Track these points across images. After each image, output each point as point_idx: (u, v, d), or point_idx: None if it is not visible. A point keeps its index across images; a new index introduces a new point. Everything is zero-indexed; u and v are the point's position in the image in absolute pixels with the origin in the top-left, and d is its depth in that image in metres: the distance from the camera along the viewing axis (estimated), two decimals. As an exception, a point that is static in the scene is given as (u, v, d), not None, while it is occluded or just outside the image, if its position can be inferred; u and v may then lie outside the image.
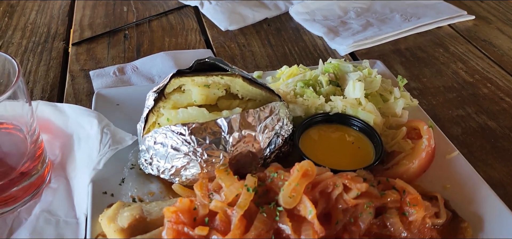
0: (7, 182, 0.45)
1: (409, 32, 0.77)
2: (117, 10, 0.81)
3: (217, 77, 0.47)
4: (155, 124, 0.46)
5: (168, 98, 0.46)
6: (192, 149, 0.42)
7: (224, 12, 0.79)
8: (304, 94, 0.52)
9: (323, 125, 0.50)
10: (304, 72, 0.56)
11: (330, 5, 0.83)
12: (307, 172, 0.39)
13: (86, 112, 0.49)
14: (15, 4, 0.81)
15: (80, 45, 0.71)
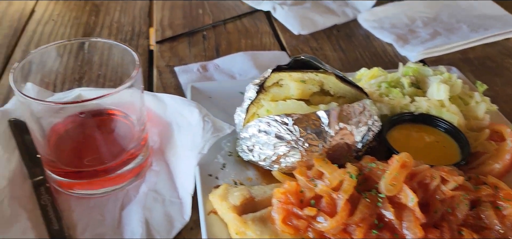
0: (118, 162, 0.49)
1: (477, 42, 0.79)
2: (193, 12, 0.86)
3: (312, 74, 0.50)
4: (255, 115, 0.49)
5: (267, 91, 0.50)
6: (294, 138, 0.45)
7: (295, 17, 0.82)
8: (389, 93, 0.55)
9: (409, 124, 0.52)
10: (385, 74, 0.59)
11: (398, 14, 0.85)
12: (406, 163, 0.42)
13: (186, 102, 0.53)
14: (99, 4, 0.87)
15: (163, 44, 0.76)
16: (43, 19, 0.81)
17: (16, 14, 0.82)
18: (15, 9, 0.84)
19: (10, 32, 0.77)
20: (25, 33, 0.77)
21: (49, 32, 0.78)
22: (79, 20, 0.82)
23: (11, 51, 0.72)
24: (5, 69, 0.68)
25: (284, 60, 0.72)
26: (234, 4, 0.89)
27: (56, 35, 0.77)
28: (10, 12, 0.83)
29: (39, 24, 0.80)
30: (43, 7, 0.85)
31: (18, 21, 0.81)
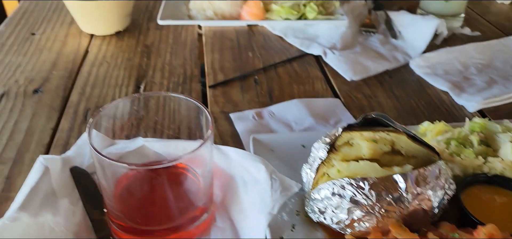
0: (187, 219, 0.48)
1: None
2: (243, 55, 0.86)
3: (384, 133, 0.49)
4: (325, 175, 0.49)
5: (338, 150, 0.49)
6: (371, 203, 0.44)
7: (347, 62, 0.82)
8: (460, 153, 0.53)
9: (483, 186, 0.51)
10: (451, 130, 0.57)
11: (450, 60, 0.84)
12: (493, 236, 0.40)
13: (252, 157, 0.53)
14: (150, 45, 0.88)
15: (216, 88, 0.76)
16: (97, 61, 0.83)
17: (71, 55, 0.84)
18: (70, 49, 0.86)
19: (65, 74, 0.79)
20: (80, 75, 0.78)
21: (104, 74, 0.79)
22: (132, 62, 0.83)
23: (68, 93, 0.73)
24: (63, 113, 0.69)
25: (339, 108, 0.72)
26: (283, 46, 0.90)
27: (110, 78, 0.78)
28: (65, 53, 0.85)
29: (94, 65, 0.81)
30: (96, 48, 0.87)
31: (73, 62, 0.82)
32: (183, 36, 0.92)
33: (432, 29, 0.88)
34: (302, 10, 0.92)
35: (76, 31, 0.93)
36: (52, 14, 1.00)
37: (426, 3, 1.02)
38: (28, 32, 0.92)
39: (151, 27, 0.95)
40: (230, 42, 0.90)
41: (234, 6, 0.94)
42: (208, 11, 0.93)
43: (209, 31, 0.94)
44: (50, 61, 0.82)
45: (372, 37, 0.93)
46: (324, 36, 0.91)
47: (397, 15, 0.98)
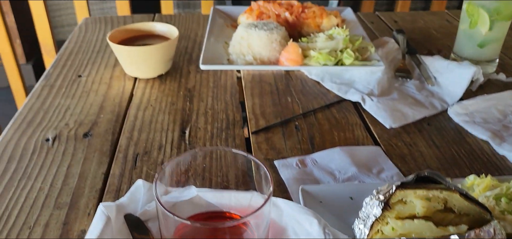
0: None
1: None
2: (282, 100, 0.88)
3: (437, 191, 0.50)
4: (379, 232, 0.50)
5: (392, 207, 0.50)
6: (428, 264, 0.45)
7: (386, 109, 0.83)
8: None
9: (536, 247, 0.51)
10: (500, 185, 0.58)
11: (488, 108, 0.85)
12: None
13: (303, 210, 0.54)
14: (192, 89, 0.91)
15: (258, 134, 0.78)
16: (142, 104, 0.86)
17: (117, 98, 0.87)
18: (115, 92, 0.89)
19: (113, 117, 0.82)
20: (127, 119, 0.81)
21: (149, 118, 0.81)
22: (175, 106, 0.85)
23: (117, 138, 0.76)
24: (113, 158, 0.71)
25: (381, 157, 0.73)
26: (320, 91, 0.91)
27: (156, 122, 0.80)
28: (111, 96, 0.88)
29: (139, 109, 0.84)
30: (141, 91, 0.90)
31: (119, 105, 0.85)
32: (223, 80, 0.95)
33: (468, 76, 0.90)
34: (339, 56, 0.94)
35: (120, 73, 0.96)
36: (96, 56, 1.04)
37: (460, 48, 1.03)
38: (75, 74, 0.96)
39: (191, 70, 0.99)
40: (269, 87, 0.92)
41: (272, 52, 0.96)
42: (248, 56, 0.96)
43: (247, 75, 0.97)
44: (97, 104, 0.85)
45: (407, 82, 0.95)
46: (361, 81, 0.93)
47: (431, 60, 1.00)
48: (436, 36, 1.21)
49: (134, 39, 0.97)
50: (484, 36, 0.98)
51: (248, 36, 0.97)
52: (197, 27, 1.22)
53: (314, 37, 1.00)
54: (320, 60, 0.92)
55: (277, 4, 1.10)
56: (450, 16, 1.35)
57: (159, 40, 0.96)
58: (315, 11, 1.08)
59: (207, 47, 0.99)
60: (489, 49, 1.00)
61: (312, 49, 0.94)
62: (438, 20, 1.31)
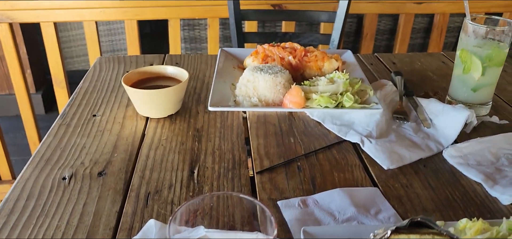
0: None
1: None
2: (285, 141, 0.93)
3: (429, 236, 0.55)
4: (374, 272, 0.54)
5: (387, 250, 0.54)
6: None
7: (383, 151, 0.88)
8: (500, 255, 0.58)
9: (521, 287, 0.55)
10: (490, 229, 0.62)
11: (482, 151, 0.89)
12: None
13: (304, 250, 0.58)
14: (200, 129, 0.96)
15: (262, 174, 0.83)
16: (153, 144, 0.91)
17: (130, 138, 0.92)
18: (128, 132, 0.95)
19: (126, 157, 0.86)
20: (139, 158, 0.86)
21: (160, 158, 0.86)
22: (185, 146, 0.90)
23: (129, 177, 0.81)
24: (126, 196, 0.76)
25: (379, 198, 0.77)
26: (321, 132, 0.96)
27: (167, 161, 0.85)
28: (124, 135, 0.93)
29: (151, 149, 0.89)
30: (152, 131, 0.95)
31: (132, 145, 0.90)
32: (230, 120, 1.00)
33: (462, 119, 0.94)
34: (340, 99, 0.99)
35: (132, 113, 1.02)
36: (110, 95, 1.10)
37: (454, 92, 1.09)
38: (90, 113, 1.02)
39: (200, 110, 1.04)
40: (273, 128, 0.98)
41: (277, 94, 1.02)
42: (253, 98, 1.01)
43: (253, 115, 1.02)
44: (111, 143, 0.90)
45: (404, 124, 1.00)
46: (360, 123, 0.98)
47: (427, 102, 1.05)
48: (433, 78, 1.27)
49: (146, 80, 1.03)
50: (477, 81, 1.03)
51: (254, 79, 1.03)
52: (205, 68, 1.28)
53: (316, 80, 1.06)
54: (322, 103, 0.97)
55: (281, 48, 1.16)
56: (446, 57, 1.41)
57: (170, 81, 1.02)
58: (317, 55, 1.14)
59: (215, 89, 1.04)
60: (482, 93, 1.05)
61: (314, 92, 1.00)
62: (435, 62, 1.37)
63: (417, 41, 2.70)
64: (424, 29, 2.64)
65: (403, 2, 2.42)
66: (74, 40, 3.52)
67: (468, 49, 1.03)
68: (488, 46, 1.01)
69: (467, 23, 1.03)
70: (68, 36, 3.48)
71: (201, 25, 2.64)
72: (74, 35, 3.49)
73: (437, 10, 2.47)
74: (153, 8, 2.31)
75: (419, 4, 2.44)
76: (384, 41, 2.74)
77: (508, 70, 1.32)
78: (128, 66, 1.29)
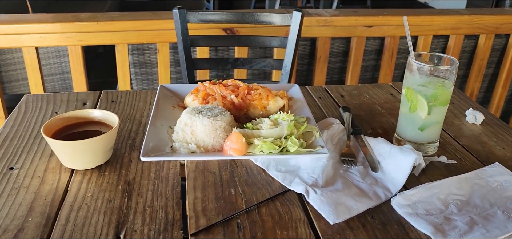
0: None
1: (516, 234, 0.78)
2: (225, 193, 0.86)
3: None
4: None
5: None
6: None
7: (330, 203, 0.82)
8: None
9: None
10: None
11: (430, 197, 0.85)
12: None
13: None
14: (132, 181, 0.87)
15: (197, 235, 0.75)
16: (76, 203, 0.81)
17: (49, 196, 0.82)
18: (48, 188, 0.84)
19: (42, 221, 0.76)
20: (58, 222, 0.76)
21: (82, 221, 0.77)
22: (112, 204, 0.81)
23: (44, 247, 0.71)
24: (38, 273, 0.66)
25: (323, 260, 0.71)
26: (265, 181, 0.90)
27: (89, 225, 0.76)
28: (43, 193, 0.83)
29: (72, 209, 0.79)
30: (76, 186, 0.85)
31: (51, 205, 0.80)
32: (166, 169, 0.92)
33: (410, 163, 0.91)
34: (284, 143, 0.93)
35: (56, 164, 0.92)
36: (33, 142, 1.00)
37: (402, 130, 1.05)
38: (7, 166, 0.91)
39: (133, 158, 0.95)
40: (213, 177, 0.90)
41: (217, 138, 0.95)
42: (191, 144, 0.94)
43: (191, 163, 0.94)
44: (27, 204, 0.80)
45: (351, 168, 0.95)
46: (306, 168, 0.92)
47: (375, 142, 1.01)
48: (381, 112, 1.24)
49: (72, 126, 0.93)
50: (424, 120, 1.00)
51: (192, 123, 0.95)
52: (143, 106, 1.20)
53: (259, 123, 0.99)
54: (264, 149, 0.91)
55: (223, 85, 1.10)
56: (394, 89, 1.39)
57: (99, 126, 0.93)
58: (261, 93, 1.08)
59: (149, 134, 0.95)
60: (430, 131, 1.02)
61: (257, 137, 0.93)
62: (383, 94, 1.35)
63: (369, 62, 2.71)
64: (376, 51, 2.65)
65: (354, 26, 2.43)
66: (19, 62, 3.33)
67: (413, 88, 1.00)
68: (433, 84, 0.98)
69: (411, 61, 1.00)
70: (12, 59, 3.29)
71: (151, 49, 2.54)
72: (19, 57, 3.29)
73: (387, 33, 2.49)
74: (98, 33, 2.20)
75: (369, 28, 2.45)
76: (337, 63, 2.73)
77: (455, 102, 1.31)
78: (58, 106, 1.18)
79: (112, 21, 2.21)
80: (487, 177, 0.92)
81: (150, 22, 2.26)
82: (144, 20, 2.25)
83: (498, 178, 0.92)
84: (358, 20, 2.42)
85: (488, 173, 0.94)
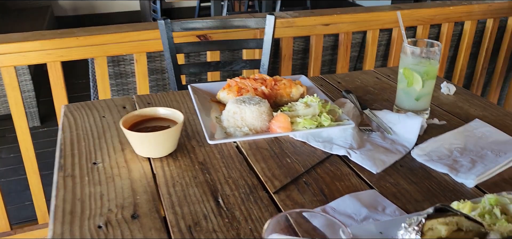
0: None
1: (506, 165, 1.05)
2: (283, 162, 1.05)
3: (451, 218, 0.71)
4: (420, 252, 0.68)
5: (425, 234, 0.69)
6: (464, 267, 0.64)
7: (369, 159, 1.04)
8: (496, 223, 0.76)
9: (515, 244, 0.74)
10: (478, 206, 0.81)
11: (438, 148, 1.11)
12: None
13: None
14: (204, 162, 1.04)
15: (279, 193, 0.94)
16: (169, 182, 0.96)
17: (143, 179, 0.97)
18: (138, 174, 0.99)
19: (149, 197, 0.91)
20: (163, 196, 0.91)
21: (183, 193, 0.92)
22: (197, 179, 0.97)
23: (163, 216, 0.86)
24: (169, 232, 0.82)
25: (380, 197, 0.93)
26: (309, 150, 1.10)
27: (190, 195, 0.92)
28: (135, 177, 0.97)
29: (168, 186, 0.95)
30: (160, 170, 1.00)
31: (148, 185, 0.95)
32: (226, 151, 1.09)
33: (419, 124, 1.16)
34: (319, 120, 1.14)
35: (132, 156, 1.05)
36: (98, 142, 1.12)
37: (400, 102, 1.31)
38: (89, 162, 1.03)
39: (194, 146, 1.11)
40: (267, 152, 1.09)
41: (263, 122, 1.14)
42: (244, 127, 1.12)
43: (244, 144, 1.12)
44: (127, 187, 0.94)
45: (372, 135, 1.18)
46: (338, 138, 1.14)
47: (383, 114, 1.25)
48: (374, 92, 1.49)
49: (142, 122, 1.07)
50: (419, 92, 1.26)
51: (240, 111, 1.14)
52: (177, 105, 1.35)
53: (293, 106, 1.19)
54: (306, 125, 1.12)
55: (252, 79, 1.29)
56: (378, 73, 1.65)
57: (166, 122, 1.08)
58: (285, 83, 1.28)
59: (204, 124, 1.12)
60: (423, 101, 1.28)
61: (297, 116, 1.13)
62: (371, 78, 1.60)
63: (327, 57, 2.99)
64: (331, 47, 2.93)
65: (314, 25, 2.69)
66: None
67: (409, 67, 1.25)
68: (423, 63, 1.25)
69: (406, 46, 1.26)
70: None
71: (126, 60, 2.63)
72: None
73: (342, 30, 2.78)
74: (78, 48, 2.27)
75: (326, 26, 2.73)
76: (299, 60, 3.00)
77: (428, 79, 1.59)
78: (94, 111, 1.30)
79: (91, 36, 2.28)
80: (473, 130, 1.20)
81: (129, 34, 2.36)
82: (123, 32, 2.35)
83: (481, 129, 1.20)
84: (316, 20, 2.69)
85: (473, 127, 1.22)
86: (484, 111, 1.35)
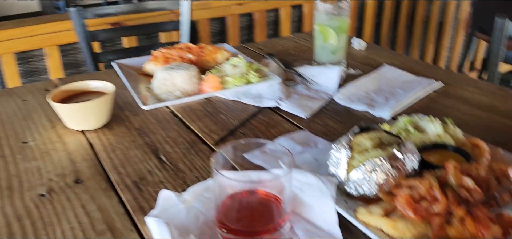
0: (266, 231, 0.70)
1: (412, 97, 1.19)
2: (218, 119, 1.09)
3: (374, 133, 0.81)
4: (350, 165, 0.77)
5: (354, 148, 0.78)
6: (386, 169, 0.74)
7: (298, 106, 1.13)
8: (410, 136, 0.87)
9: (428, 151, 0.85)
10: (395, 126, 0.92)
11: (357, 92, 1.22)
12: (456, 166, 0.73)
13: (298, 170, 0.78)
14: (140, 127, 1.05)
15: (218, 144, 0.98)
16: (108, 149, 0.96)
17: (80, 150, 0.96)
18: (74, 146, 0.97)
19: (90, 163, 0.91)
20: (104, 161, 0.92)
21: (124, 156, 0.93)
22: (137, 142, 0.99)
23: (107, 177, 0.87)
24: (116, 190, 0.83)
25: (311, 136, 1.01)
26: (242, 107, 1.16)
27: (131, 156, 0.93)
28: (72, 149, 0.96)
29: (108, 151, 0.95)
30: (97, 139, 1.00)
31: (87, 153, 0.94)
32: (161, 116, 1.11)
33: (337, 74, 1.26)
34: (247, 78, 1.20)
35: (63, 131, 1.03)
36: (25, 122, 1.08)
37: (319, 57, 1.41)
38: (18, 141, 1.00)
39: (128, 115, 1.12)
40: (202, 112, 1.13)
41: (193, 85, 1.17)
42: (176, 92, 1.14)
43: (178, 108, 1.15)
44: (66, 158, 0.93)
45: (297, 87, 1.27)
46: (267, 93, 1.21)
47: (304, 69, 1.34)
48: (294, 54, 1.58)
49: (71, 97, 1.06)
50: (334, 46, 1.37)
51: (171, 77, 1.16)
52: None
53: (221, 67, 1.24)
54: (236, 83, 1.17)
55: (178, 48, 1.31)
56: (296, 38, 1.75)
57: (96, 95, 1.07)
58: (210, 49, 1.32)
59: (135, 92, 1.13)
60: (339, 54, 1.40)
61: (226, 76, 1.18)
62: (289, 43, 1.70)
63: (244, 38, 3.07)
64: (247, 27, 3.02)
65: (228, 5, 2.75)
66: None
67: (324, 23, 1.35)
68: (335, 19, 1.35)
69: (318, 4, 1.36)
70: None
71: (36, 56, 2.50)
72: None
73: (255, 8, 2.87)
74: (-19, 45, 2.12)
75: (240, 5, 2.80)
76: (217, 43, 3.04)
77: (340, 39, 1.72)
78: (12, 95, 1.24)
79: (-7, 31, 2.14)
80: (384, 74, 1.33)
81: (37, 27, 2.25)
82: (30, 25, 2.24)
83: (391, 73, 1.34)
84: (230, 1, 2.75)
85: (383, 71, 1.35)
86: (392, 59, 1.50)
